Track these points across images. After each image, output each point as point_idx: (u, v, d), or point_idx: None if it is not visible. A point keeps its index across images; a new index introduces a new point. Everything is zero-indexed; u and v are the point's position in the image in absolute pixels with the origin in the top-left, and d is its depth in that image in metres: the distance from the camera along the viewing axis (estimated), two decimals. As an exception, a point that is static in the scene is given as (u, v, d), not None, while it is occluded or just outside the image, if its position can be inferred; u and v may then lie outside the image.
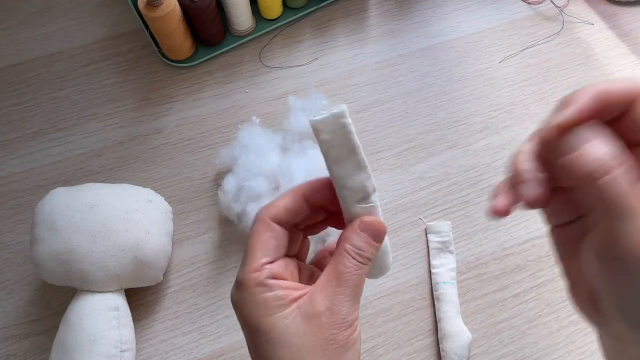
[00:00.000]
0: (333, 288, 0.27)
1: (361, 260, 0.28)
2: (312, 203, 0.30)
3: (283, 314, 0.26)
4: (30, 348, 0.50)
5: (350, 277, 0.27)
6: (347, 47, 0.69)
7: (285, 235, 0.29)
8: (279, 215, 0.28)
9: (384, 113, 0.63)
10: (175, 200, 0.57)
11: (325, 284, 0.27)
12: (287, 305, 0.27)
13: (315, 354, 0.26)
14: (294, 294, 0.27)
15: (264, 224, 0.28)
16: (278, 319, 0.26)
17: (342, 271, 0.27)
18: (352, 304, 0.27)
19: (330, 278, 0.27)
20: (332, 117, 0.26)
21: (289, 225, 0.29)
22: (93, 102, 0.65)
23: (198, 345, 0.50)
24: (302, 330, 0.26)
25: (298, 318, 0.26)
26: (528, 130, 0.62)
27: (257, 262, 0.27)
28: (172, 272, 0.54)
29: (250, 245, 0.28)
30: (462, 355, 0.48)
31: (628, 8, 0.71)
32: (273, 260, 0.28)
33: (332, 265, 0.28)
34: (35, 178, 0.60)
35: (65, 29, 0.71)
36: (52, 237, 0.47)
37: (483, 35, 0.69)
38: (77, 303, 0.47)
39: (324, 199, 0.30)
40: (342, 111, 0.26)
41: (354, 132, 0.27)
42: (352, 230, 0.28)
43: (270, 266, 0.28)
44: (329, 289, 0.27)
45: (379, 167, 0.60)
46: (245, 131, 0.56)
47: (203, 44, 0.68)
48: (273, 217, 0.28)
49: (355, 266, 0.28)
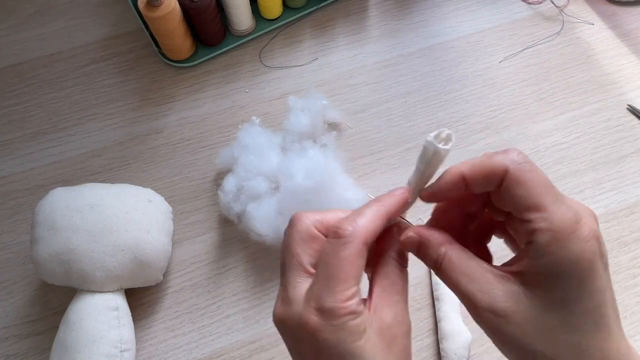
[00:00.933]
0: (392, 298, 0.27)
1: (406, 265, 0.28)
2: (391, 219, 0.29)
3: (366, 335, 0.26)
4: (30, 348, 0.50)
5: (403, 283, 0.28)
6: (347, 47, 0.69)
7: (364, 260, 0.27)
8: (369, 240, 0.27)
9: (384, 113, 0.63)
10: (175, 200, 0.57)
11: (383, 295, 0.27)
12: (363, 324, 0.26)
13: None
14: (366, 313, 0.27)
15: (358, 250, 0.26)
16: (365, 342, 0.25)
17: (395, 281, 0.28)
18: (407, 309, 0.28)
19: (387, 289, 0.28)
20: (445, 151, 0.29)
21: None
22: (93, 102, 0.65)
23: (198, 345, 0.50)
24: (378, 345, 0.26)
25: (371, 334, 0.26)
26: (528, 130, 0.62)
27: (349, 290, 0.26)
28: (172, 272, 0.54)
29: (341, 271, 0.26)
30: (462, 355, 0.48)
31: (628, 8, 0.71)
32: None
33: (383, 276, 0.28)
34: (35, 178, 0.60)
35: (65, 29, 0.71)
36: (52, 237, 0.47)
37: (483, 35, 0.69)
38: (77, 303, 0.47)
39: None
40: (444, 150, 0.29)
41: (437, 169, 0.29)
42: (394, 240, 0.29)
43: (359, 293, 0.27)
44: (389, 299, 0.27)
45: (379, 167, 0.60)
46: (245, 131, 0.56)
47: (203, 44, 0.68)
48: (366, 242, 0.27)
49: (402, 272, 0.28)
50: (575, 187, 0.58)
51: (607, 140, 0.61)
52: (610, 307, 0.24)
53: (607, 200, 0.57)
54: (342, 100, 0.64)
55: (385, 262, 0.28)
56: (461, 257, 0.27)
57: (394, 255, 0.28)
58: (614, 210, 0.56)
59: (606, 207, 0.56)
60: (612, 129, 0.62)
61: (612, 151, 0.60)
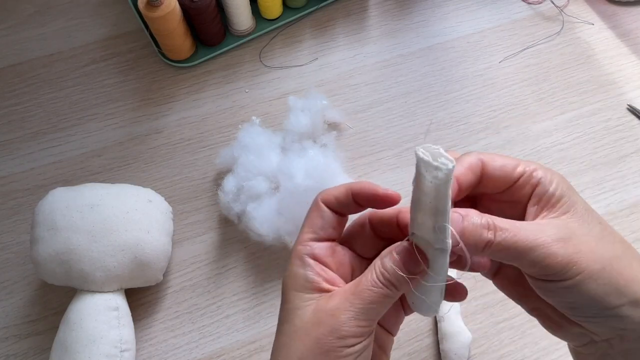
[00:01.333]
0: (347, 294, 0.27)
1: (383, 281, 0.27)
2: (358, 202, 0.31)
3: (304, 295, 0.28)
4: (30, 348, 0.50)
5: (366, 291, 0.26)
6: (347, 47, 0.69)
7: (332, 217, 0.30)
8: (328, 200, 0.31)
9: (384, 113, 0.63)
10: (175, 200, 0.57)
11: (346, 288, 0.28)
12: (310, 291, 0.28)
13: (303, 346, 0.26)
14: (322, 284, 0.28)
15: (315, 205, 0.31)
16: (296, 297, 0.28)
17: (362, 282, 0.27)
18: (356, 318, 0.26)
19: (352, 284, 0.28)
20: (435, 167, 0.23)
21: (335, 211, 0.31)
22: (93, 102, 0.65)
23: (198, 345, 0.50)
24: (306, 318, 0.27)
25: (310, 307, 0.27)
26: (528, 130, 0.62)
27: (302, 236, 0.30)
28: (172, 272, 0.54)
29: (303, 222, 0.31)
30: (462, 355, 0.48)
31: (628, 8, 0.71)
32: (318, 239, 0.30)
33: (361, 274, 0.28)
34: (35, 178, 0.60)
35: (65, 29, 0.71)
36: (52, 237, 0.47)
37: (483, 35, 0.69)
38: (77, 303, 0.47)
39: (368, 203, 0.31)
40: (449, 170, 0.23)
41: (449, 195, 0.24)
42: (390, 249, 0.28)
43: (314, 244, 0.29)
44: (344, 293, 0.27)
45: (379, 167, 0.60)
46: (245, 131, 0.56)
47: (203, 44, 0.68)
48: (323, 200, 0.31)
49: (373, 283, 0.27)
50: (575, 187, 0.57)
51: (607, 140, 0.61)
52: None
53: (607, 200, 0.57)
54: (342, 100, 0.64)
55: (372, 263, 0.28)
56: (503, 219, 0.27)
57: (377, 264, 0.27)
58: (614, 210, 0.56)
59: (606, 207, 0.56)
60: (612, 129, 0.62)
61: (612, 151, 0.60)
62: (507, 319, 0.51)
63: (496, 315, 0.51)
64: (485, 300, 0.52)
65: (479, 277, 0.52)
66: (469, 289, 0.33)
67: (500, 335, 0.50)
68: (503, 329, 0.50)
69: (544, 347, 0.49)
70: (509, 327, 0.50)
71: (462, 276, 0.52)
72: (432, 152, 0.23)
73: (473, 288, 0.52)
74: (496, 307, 0.51)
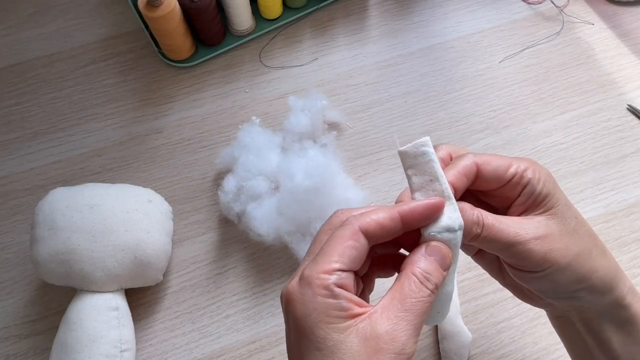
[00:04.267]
0: (396, 312, 0.25)
1: (429, 286, 0.26)
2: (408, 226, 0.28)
3: (340, 326, 0.25)
4: (30, 348, 0.50)
5: (417, 303, 0.26)
6: (347, 47, 0.69)
7: (366, 250, 0.27)
8: (369, 229, 0.27)
9: (384, 113, 0.63)
10: (175, 200, 0.57)
11: (388, 306, 0.26)
12: (346, 319, 0.25)
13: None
14: (355, 309, 0.26)
15: (352, 232, 0.27)
16: (333, 330, 0.25)
17: (407, 295, 0.26)
18: (413, 335, 0.25)
19: (394, 301, 0.26)
20: (414, 145, 0.28)
21: (375, 242, 0.28)
22: (93, 102, 0.65)
23: (198, 345, 0.50)
24: (355, 350, 0.24)
25: (354, 336, 0.25)
26: (528, 130, 0.62)
27: (330, 264, 0.26)
28: (172, 272, 0.54)
29: (330, 246, 0.27)
30: (462, 355, 0.48)
31: (628, 8, 0.71)
32: (346, 270, 0.26)
33: (397, 288, 0.26)
34: (35, 178, 0.60)
35: (65, 29, 0.71)
36: (52, 237, 0.47)
37: (483, 35, 0.69)
38: (77, 303, 0.47)
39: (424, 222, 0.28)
40: (425, 140, 0.28)
41: (436, 161, 0.28)
42: (419, 254, 0.27)
43: (341, 274, 0.26)
44: (392, 312, 0.25)
45: (379, 167, 0.60)
46: (245, 131, 0.56)
47: (203, 44, 0.68)
48: (363, 229, 0.27)
49: (422, 291, 0.26)
50: (575, 187, 0.58)
51: (607, 140, 0.61)
52: None
53: (607, 200, 0.57)
54: (342, 100, 0.64)
55: (405, 276, 0.27)
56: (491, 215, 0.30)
57: (417, 271, 0.27)
58: (614, 210, 0.56)
59: (606, 207, 0.56)
60: (612, 129, 0.62)
61: (612, 151, 0.60)
62: (507, 319, 0.51)
63: (496, 315, 0.51)
64: (485, 300, 0.52)
65: (480, 277, 0.52)
66: (470, 289, 0.34)
67: (500, 335, 0.50)
68: (503, 329, 0.50)
69: (544, 347, 0.49)
70: (509, 327, 0.50)
71: (466, 274, 0.52)
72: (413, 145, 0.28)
73: (473, 288, 0.52)
74: (496, 307, 0.51)
